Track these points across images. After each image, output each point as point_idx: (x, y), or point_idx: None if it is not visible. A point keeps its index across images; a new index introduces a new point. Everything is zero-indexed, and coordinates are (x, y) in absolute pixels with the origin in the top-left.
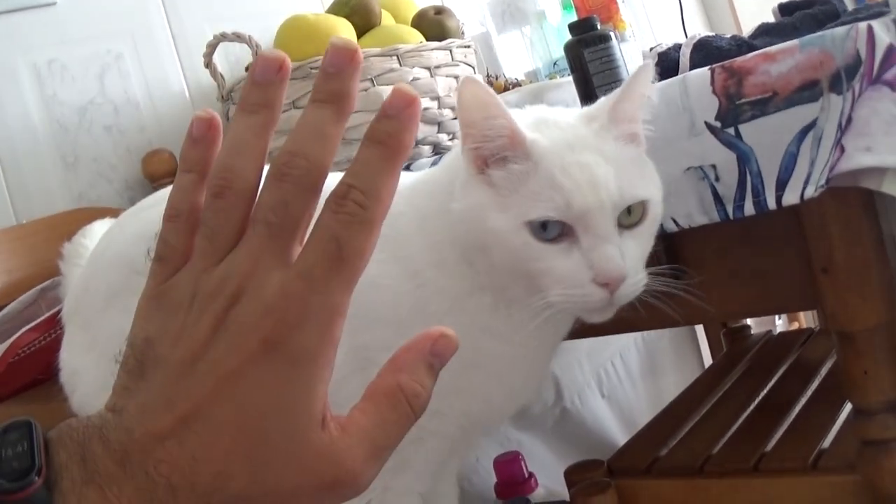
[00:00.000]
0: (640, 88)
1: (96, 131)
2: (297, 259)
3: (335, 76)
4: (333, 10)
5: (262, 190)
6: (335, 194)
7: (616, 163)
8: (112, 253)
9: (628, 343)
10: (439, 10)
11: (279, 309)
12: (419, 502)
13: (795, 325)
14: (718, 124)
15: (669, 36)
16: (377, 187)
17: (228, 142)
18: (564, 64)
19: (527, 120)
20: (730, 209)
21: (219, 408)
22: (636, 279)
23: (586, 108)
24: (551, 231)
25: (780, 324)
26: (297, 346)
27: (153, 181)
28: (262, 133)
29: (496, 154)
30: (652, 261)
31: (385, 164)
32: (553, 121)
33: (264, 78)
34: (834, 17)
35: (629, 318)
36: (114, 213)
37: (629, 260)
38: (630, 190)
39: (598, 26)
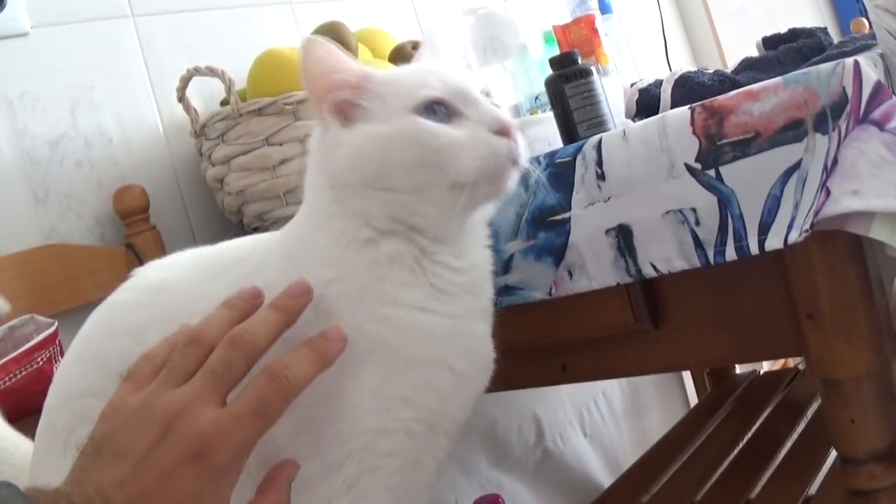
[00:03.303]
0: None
1: (68, 165)
2: (234, 401)
3: (292, 298)
4: None
5: (218, 348)
6: (272, 369)
7: None
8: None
9: (611, 381)
10: (416, 45)
11: (209, 433)
12: None
13: (782, 362)
14: (699, 166)
15: (654, 69)
16: (302, 376)
17: (209, 317)
18: (546, 98)
19: None
20: (710, 254)
21: (155, 494)
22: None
23: None
24: (439, 115)
25: (766, 362)
26: (215, 463)
27: (124, 217)
28: (230, 321)
29: (354, 101)
30: (631, 307)
31: (313, 366)
32: None
33: (248, 300)
34: (819, 50)
35: (611, 365)
36: (85, 249)
37: None
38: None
39: (580, 60)
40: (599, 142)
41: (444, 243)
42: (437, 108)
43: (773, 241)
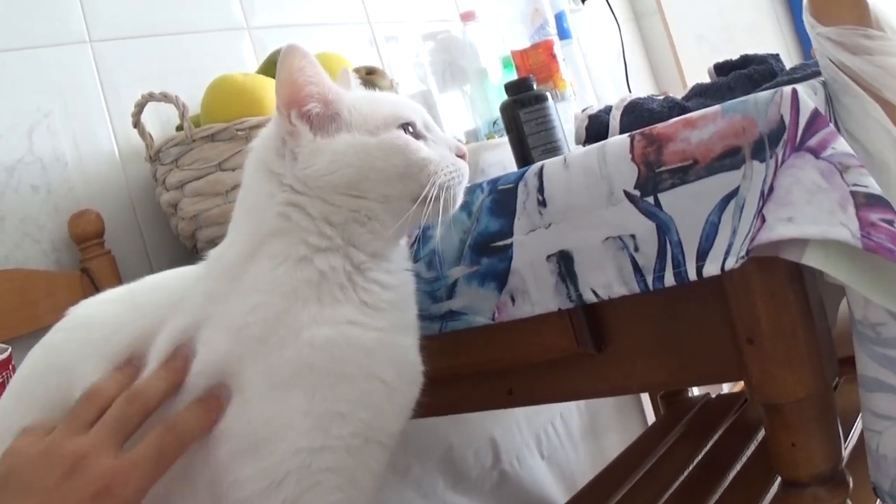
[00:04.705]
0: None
1: (24, 190)
2: (134, 449)
3: (178, 362)
4: (263, 70)
5: (115, 403)
6: (168, 422)
7: None
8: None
9: (569, 404)
10: (371, 71)
11: (111, 475)
12: None
13: (741, 385)
14: (638, 193)
15: (614, 94)
16: (195, 429)
17: (104, 380)
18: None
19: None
20: (650, 280)
21: None
22: None
23: None
24: (419, 136)
25: (726, 384)
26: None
27: (79, 242)
28: (122, 383)
29: (328, 113)
30: (573, 332)
31: (203, 421)
32: None
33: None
34: (770, 76)
35: (555, 389)
36: (40, 274)
37: None
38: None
39: (535, 86)
40: (541, 169)
41: (380, 259)
42: (407, 130)
43: (711, 268)
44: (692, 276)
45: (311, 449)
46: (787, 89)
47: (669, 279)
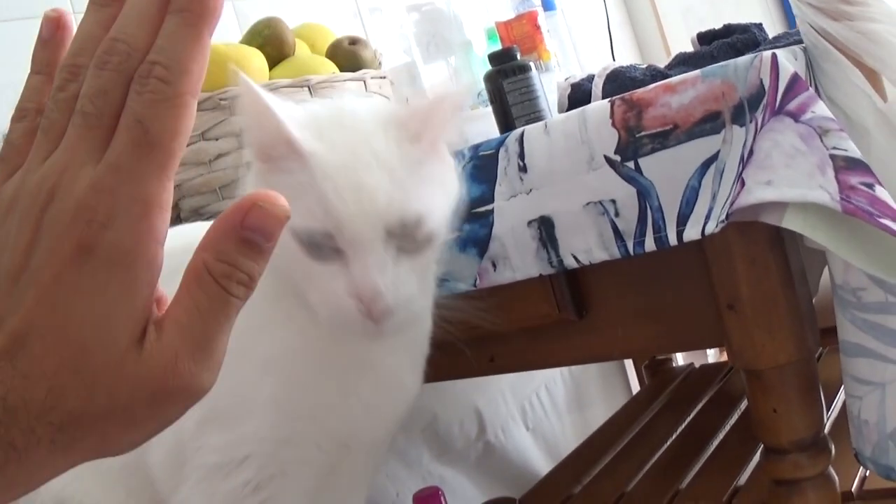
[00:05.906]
0: (448, 107)
1: None
2: (107, 150)
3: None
4: (246, 41)
5: (85, 80)
6: (139, 73)
7: (395, 173)
8: None
9: (554, 375)
10: (354, 41)
11: (89, 207)
12: None
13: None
14: (618, 158)
15: (599, 65)
16: (182, 58)
17: (77, 37)
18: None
19: (320, 115)
20: (630, 245)
21: (43, 321)
22: (405, 304)
23: (393, 109)
24: (324, 253)
25: (711, 352)
26: (110, 247)
27: None
28: (104, 25)
29: (276, 157)
30: (555, 298)
31: (189, 32)
32: (347, 120)
33: None
34: (753, 45)
35: (537, 355)
36: None
37: (401, 285)
38: (402, 203)
39: (518, 57)
40: (522, 134)
41: None
42: (326, 248)
43: (691, 232)
44: (672, 240)
45: (277, 440)
46: (767, 54)
47: (650, 244)
